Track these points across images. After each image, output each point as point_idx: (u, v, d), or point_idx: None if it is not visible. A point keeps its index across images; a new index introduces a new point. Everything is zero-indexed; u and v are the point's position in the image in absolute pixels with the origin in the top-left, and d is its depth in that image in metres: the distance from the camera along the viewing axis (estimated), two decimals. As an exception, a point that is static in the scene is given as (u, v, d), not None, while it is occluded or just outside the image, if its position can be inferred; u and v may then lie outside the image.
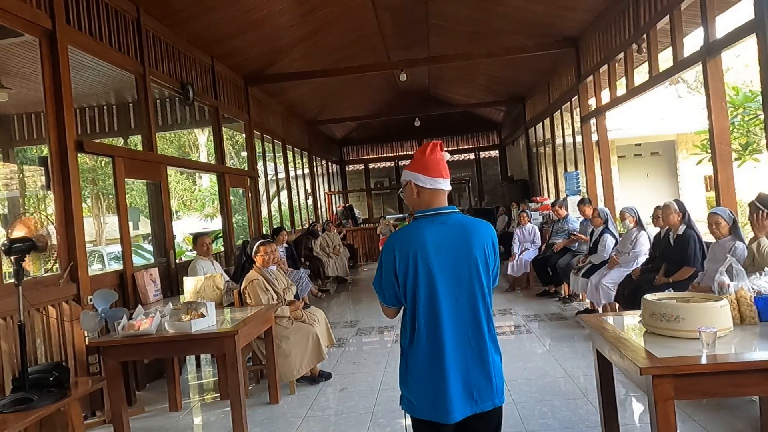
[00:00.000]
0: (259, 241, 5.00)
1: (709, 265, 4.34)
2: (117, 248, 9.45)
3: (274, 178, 11.53)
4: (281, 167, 11.82)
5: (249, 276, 4.82)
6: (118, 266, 7.06)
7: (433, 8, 8.66)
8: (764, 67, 4.25)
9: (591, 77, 8.38)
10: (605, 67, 7.71)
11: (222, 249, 8.08)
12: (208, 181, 20.28)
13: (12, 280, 3.23)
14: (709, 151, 5.45)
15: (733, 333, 2.56)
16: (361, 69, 10.01)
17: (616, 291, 5.79)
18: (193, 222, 20.32)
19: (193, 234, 9.06)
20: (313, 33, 8.45)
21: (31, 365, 3.40)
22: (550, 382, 4.45)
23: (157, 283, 5.50)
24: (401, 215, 15.96)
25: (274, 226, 9.98)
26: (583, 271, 6.54)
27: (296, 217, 12.46)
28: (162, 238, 6.19)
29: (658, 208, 5.52)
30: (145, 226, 16.31)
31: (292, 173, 12.34)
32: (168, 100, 7.66)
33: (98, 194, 17.99)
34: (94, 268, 12.24)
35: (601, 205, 7.97)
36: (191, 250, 10.91)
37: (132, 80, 5.97)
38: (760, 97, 4.83)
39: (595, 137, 8.77)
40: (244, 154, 11.45)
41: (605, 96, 8.05)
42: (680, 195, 13.78)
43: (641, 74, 6.91)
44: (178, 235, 11.95)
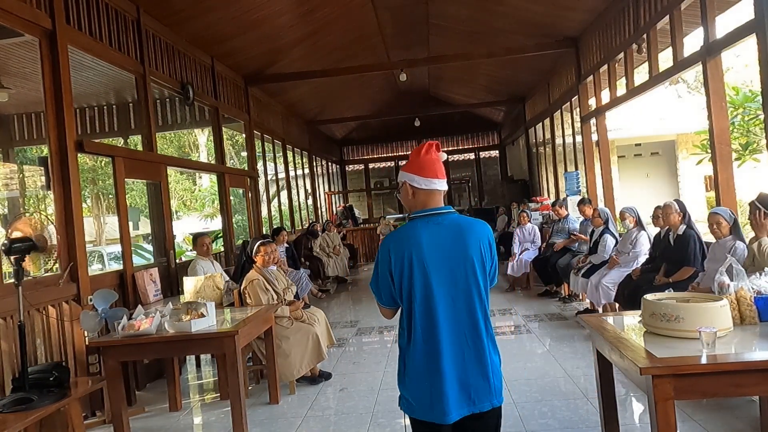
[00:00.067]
0: (260, 241, 5.00)
1: (709, 265, 4.34)
2: (117, 248, 9.45)
3: (274, 178, 11.53)
4: (281, 167, 11.83)
5: (249, 276, 4.82)
6: (118, 266, 7.07)
7: (433, 8, 8.66)
8: (764, 67, 4.26)
9: (591, 77, 8.38)
10: (605, 67, 7.71)
11: (222, 249, 8.08)
12: (208, 181, 20.28)
13: (12, 280, 3.23)
14: (709, 151, 5.45)
15: (733, 333, 2.56)
16: (361, 69, 10.02)
17: (616, 291, 5.79)
18: (193, 222, 20.31)
19: (193, 234, 9.06)
20: (313, 33, 8.45)
21: (31, 365, 3.40)
22: (550, 382, 4.45)
23: (157, 283, 5.51)
24: (401, 215, 15.94)
25: (274, 226, 9.98)
26: (583, 271, 6.54)
27: (296, 217, 12.46)
28: (162, 238, 6.19)
29: (658, 208, 5.53)
30: (145, 226, 16.30)
31: (292, 173, 12.34)
32: (168, 100, 7.66)
33: (98, 194, 17.99)
34: (94, 268, 12.24)
35: (601, 205, 7.97)
36: (191, 250, 10.91)
37: (132, 80, 5.97)
38: (760, 97, 4.83)
39: (595, 137, 8.77)
40: (244, 154, 11.45)
41: (605, 96, 8.05)
42: (680, 195, 13.78)
43: (641, 74, 6.91)
44: (178, 235, 11.96)
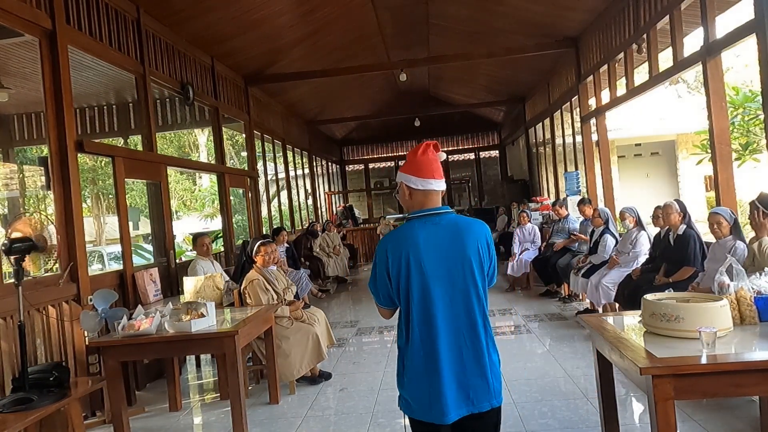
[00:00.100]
0: (260, 241, 5.00)
1: (709, 265, 4.34)
2: (117, 248, 9.46)
3: (274, 178, 11.53)
4: (281, 167, 11.83)
5: (249, 276, 4.82)
6: (118, 266, 7.07)
7: (433, 8, 8.66)
8: (764, 67, 4.26)
9: (591, 77, 8.38)
10: (605, 67, 7.71)
11: (222, 249, 8.08)
12: (208, 181, 20.28)
13: (12, 280, 3.23)
14: (709, 151, 5.45)
15: (733, 333, 2.56)
16: (361, 69, 10.02)
17: (616, 291, 5.79)
18: (193, 222, 20.31)
19: (193, 234, 9.06)
20: (313, 33, 8.45)
21: (31, 365, 3.40)
22: (550, 382, 4.45)
23: (157, 283, 5.51)
24: (401, 215, 15.93)
25: (274, 226, 9.98)
26: (583, 271, 6.54)
27: (296, 217, 12.46)
28: (162, 238, 6.19)
29: (658, 208, 5.52)
30: (145, 226, 16.30)
31: (292, 173, 12.34)
32: (168, 100, 7.66)
33: (98, 194, 17.99)
34: (94, 268, 12.24)
35: (601, 205, 7.97)
36: (191, 250, 10.90)
37: (132, 80, 5.97)
38: (760, 97, 4.83)
39: (595, 137, 8.77)
40: (244, 154, 11.45)
41: (605, 96, 8.05)
42: (680, 195, 13.78)
43: (641, 74, 6.91)
44: (178, 235, 11.95)
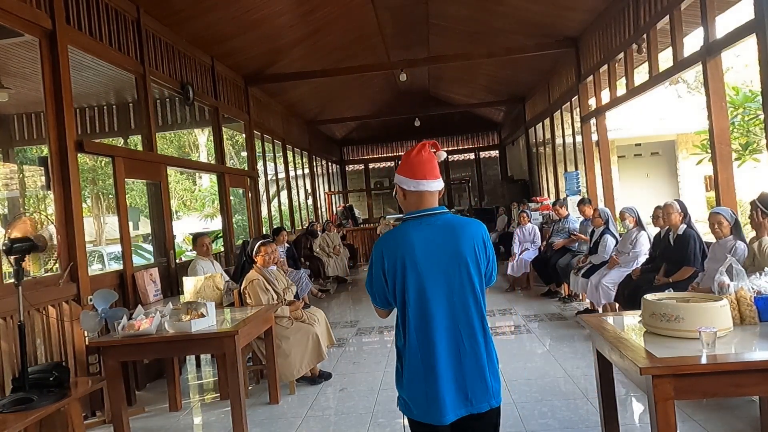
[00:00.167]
0: (260, 241, 5.00)
1: (709, 265, 4.34)
2: (117, 248, 9.46)
3: (274, 178, 11.53)
4: (281, 167, 11.82)
5: (249, 276, 4.82)
6: (118, 266, 7.06)
7: (433, 8, 8.66)
8: (764, 67, 4.26)
9: (591, 77, 8.38)
10: (605, 67, 7.71)
11: (222, 249, 8.08)
12: (208, 181, 20.28)
13: (12, 280, 3.23)
14: (709, 151, 5.45)
15: (733, 333, 2.56)
16: (361, 69, 10.02)
17: (616, 291, 5.79)
18: (193, 222, 20.31)
19: (193, 234, 9.06)
20: (313, 33, 8.45)
21: (31, 365, 3.40)
22: (550, 382, 4.44)
23: (157, 283, 5.51)
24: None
25: (274, 226, 9.98)
26: (583, 271, 6.54)
27: (296, 217, 12.46)
28: (162, 238, 6.19)
29: (658, 208, 5.52)
30: (145, 226, 16.30)
31: (292, 173, 12.34)
32: (168, 100, 7.66)
33: (98, 194, 17.98)
34: (94, 268, 12.24)
35: (601, 205, 7.97)
36: (191, 250, 10.90)
37: (132, 80, 5.97)
38: (760, 97, 4.83)
39: (595, 137, 8.77)
40: (244, 154, 11.45)
41: (605, 96, 8.05)
42: (680, 195, 13.77)
43: (641, 74, 6.91)
44: (178, 235, 11.95)
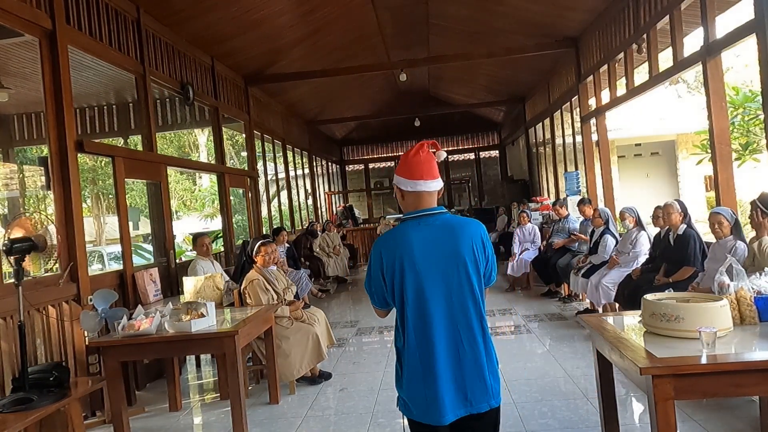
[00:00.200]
0: (260, 241, 5.00)
1: (709, 265, 4.34)
2: (117, 248, 9.45)
3: (274, 178, 11.53)
4: (281, 167, 11.82)
5: (249, 276, 4.82)
6: (118, 266, 7.06)
7: (433, 8, 8.66)
8: (764, 67, 4.26)
9: (591, 77, 8.38)
10: (605, 67, 7.71)
11: (222, 249, 8.08)
12: (208, 181, 20.27)
13: (12, 280, 3.23)
14: (709, 151, 5.45)
15: (733, 333, 2.56)
16: (361, 69, 10.02)
17: (616, 291, 5.79)
18: (193, 222, 20.30)
19: (193, 234, 9.06)
20: (313, 33, 8.45)
21: (31, 365, 3.40)
22: (550, 382, 4.44)
23: (157, 283, 5.51)
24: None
25: (274, 226, 9.98)
26: (583, 271, 6.54)
27: (296, 217, 12.46)
28: (162, 238, 6.19)
29: (658, 208, 5.52)
30: (145, 226, 16.30)
31: (292, 173, 12.34)
32: (168, 100, 7.66)
33: (98, 194, 17.98)
34: (94, 268, 12.24)
35: (601, 205, 7.97)
36: (191, 250, 10.90)
37: (132, 80, 5.97)
38: (760, 97, 4.83)
39: (595, 137, 8.77)
40: (244, 154, 11.45)
41: (605, 96, 8.05)
42: (680, 195, 13.77)
43: (641, 74, 6.90)
44: (178, 235, 11.94)
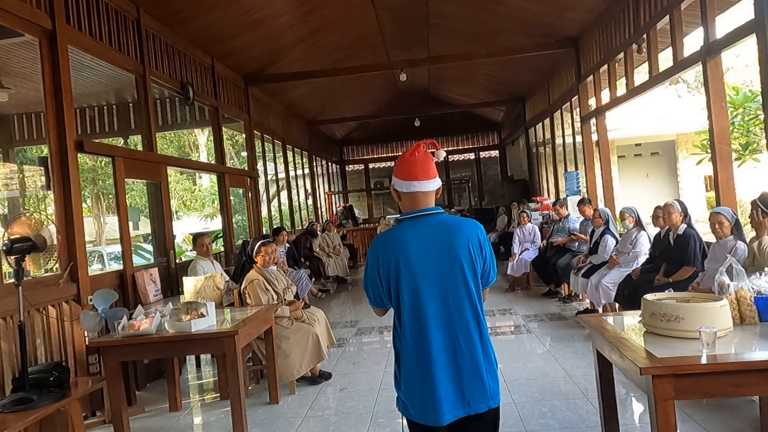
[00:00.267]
0: (260, 241, 4.99)
1: (709, 265, 4.34)
2: (117, 248, 9.45)
3: (274, 178, 11.53)
4: (281, 167, 11.82)
5: (249, 276, 4.82)
6: (118, 266, 7.06)
7: (433, 8, 8.66)
8: (764, 67, 4.26)
9: (591, 77, 8.38)
10: (605, 67, 7.71)
11: (222, 249, 8.08)
12: (208, 181, 20.27)
13: (12, 280, 3.23)
14: (709, 151, 5.45)
15: (733, 333, 2.56)
16: (361, 69, 10.02)
17: (616, 291, 5.79)
18: (193, 222, 20.29)
19: (193, 234, 9.06)
20: (313, 33, 8.45)
21: (31, 365, 3.40)
22: (550, 382, 4.44)
23: (157, 283, 5.50)
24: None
25: (274, 226, 9.98)
26: (583, 271, 6.54)
27: (296, 217, 12.47)
28: (162, 238, 6.19)
29: (658, 208, 5.52)
30: (145, 226, 16.30)
31: (292, 173, 12.34)
32: (168, 100, 7.66)
33: (98, 194, 17.98)
34: (94, 268, 12.23)
35: (601, 205, 7.97)
36: (191, 250, 10.90)
37: (132, 80, 5.97)
38: (760, 97, 4.83)
39: (595, 137, 8.77)
40: (244, 154, 11.45)
41: (605, 96, 8.05)
42: (680, 195, 13.77)
43: (641, 74, 6.91)
44: (178, 235, 11.94)
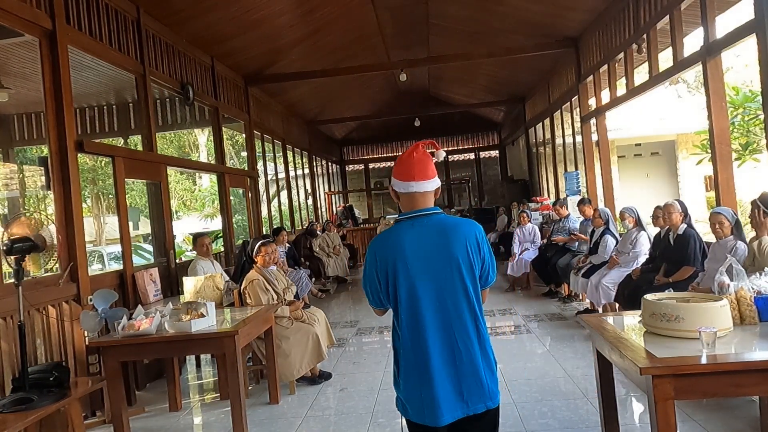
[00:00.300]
0: (260, 242, 4.99)
1: (709, 265, 4.34)
2: (117, 248, 9.46)
3: (274, 178, 11.53)
4: (281, 167, 11.82)
5: (249, 276, 4.82)
6: (118, 266, 7.06)
7: (433, 8, 8.66)
8: (764, 67, 4.26)
9: (591, 77, 8.38)
10: (605, 67, 7.71)
11: (222, 249, 8.08)
12: (208, 181, 20.27)
13: (12, 280, 3.23)
14: (709, 151, 5.45)
15: (733, 333, 2.56)
16: (361, 69, 10.02)
17: (616, 291, 5.79)
18: (193, 222, 20.29)
19: (193, 234, 9.06)
20: (313, 33, 8.45)
21: (31, 365, 3.40)
22: (550, 382, 4.44)
23: (157, 283, 5.51)
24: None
25: (274, 226, 9.98)
26: (583, 271, 6.54)
27: (296, 217, 12.46)
28: (162, 238, 6.19)
29: (658, 208, 5.52)
30: (145, 226, 16.30)
31: (292, 173, 12.34)
32: (168, 100, 7.65)
33: (98, 194, 17.98)
34: (94, 268, 12.23)
35: (601, 206, 7.97)
36: (191, 250, 10.91)
37: (132, 80, 5.97)
38: (760, 97, 4.83)
39: (595, 137, 8.77)
40: (244, 154, 11.45)
41: (605, 96, 8.05)
42: (680, 195, 13.76)
43: (641, 74, 6.90)
44: (178, 235, 11.95)
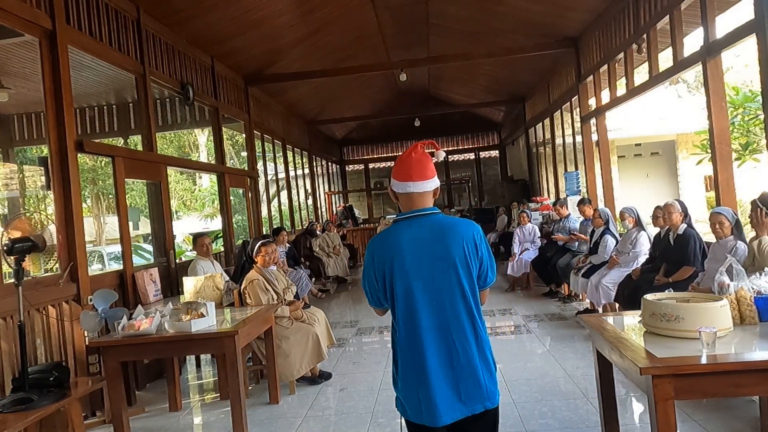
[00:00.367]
0: (260, 242, 5.00)
1: (709, 265, 4.34)
2: (117, 248, 9.46)
3: (274, 178, 11.53)
4: (281, 167, 11.82)
5: (249, 276, 4.82)
6: (118, 266, 7.06)
7: (433, 8, 8.66)
8: (764, 67, 4.26)
9: (591, 77, 8.38)
10: (605, 67, 7.71)
11: (222, 249, 8.08)
12: (208, 181, 20.26)
13: (12, 280, 3.23)
14: (709, 151, 5.45)
15: (733, 333, 2.56)
16: (361, 69, 10.02)
17: (616, 291, 5.79)
18: (193, 222, 20.29)
19: (193, 234, 9.06)
20: (313, 33, 8.45)
21: (31, 365, 3.40)
22: (550, 382, 4.44)
23: (157, 283, 5.51)
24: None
25: (274, 226, 9.98)
26: (583, 271, 6.54)
27: (296, 217, 12.47)
28: (162, 238, 6.19)
29: (658, 208, 5.53)
30: (145, 226, 16.30)
31: (292, 173, 12.34)
32: (168, 100, 7.66)
33: (98, 194, 17.98)
34: (94, 268, 12.23)
35: (601, 206, 7.97)
36: (191, 250, 10.91)
37: (132, 80, 5.97)
38: (760, 97, 4.83)
39: (595, 137, 8.77)
40: (244, 154, 11.45)
41: (605, 96, 8.05)
42: (680, 195, 13.76)
43: (641, 74, 6.91)
44: (178, 235, 11.95)
